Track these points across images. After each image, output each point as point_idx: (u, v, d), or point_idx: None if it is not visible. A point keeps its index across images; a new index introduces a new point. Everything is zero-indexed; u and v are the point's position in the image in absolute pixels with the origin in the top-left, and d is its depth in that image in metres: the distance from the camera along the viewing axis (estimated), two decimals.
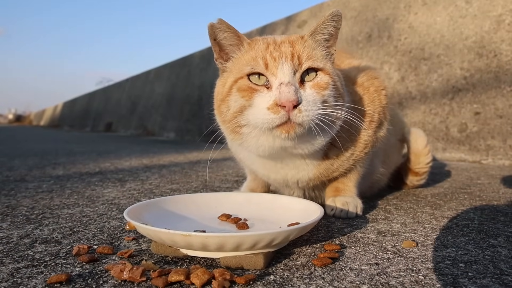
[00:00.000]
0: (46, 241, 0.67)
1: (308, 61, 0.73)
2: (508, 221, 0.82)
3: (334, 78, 0.76)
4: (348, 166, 0.87)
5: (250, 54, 0.75)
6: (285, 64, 0.71)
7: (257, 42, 0.77)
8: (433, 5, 2.70)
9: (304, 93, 0.71)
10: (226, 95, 0.76)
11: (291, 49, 0.73)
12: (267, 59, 0.72)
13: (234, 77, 0.75)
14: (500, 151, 2.07)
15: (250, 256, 0.54)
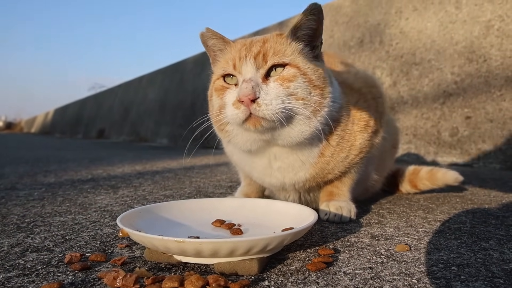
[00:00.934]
0: (38, 249, 0.66)
1: (273, 57, 0.75)
2: (499, 224, 0.82)
3: (305, 71, 0.76)
4: (343, 168, 0.87)
5: (227, 56, 0.80)
6: (249, 62, 0.75)
7: (236, 45, 0.81)
8: (423, 11, 2.72)
9: (267, 87, 0.73)
10: (210, 96, 0.83)
11: (260, 47, 0.76)
12: (236, 59, 0.76)
13: (214, 79, 0.82)
14: (491, 154, 2.09)
15: (244, 261, 0.54)
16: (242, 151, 0.84)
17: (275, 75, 0.75)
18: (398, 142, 1.19)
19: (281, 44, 0.78)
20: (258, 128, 0.73)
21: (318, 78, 0.78)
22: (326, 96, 0.78)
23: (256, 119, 0.72)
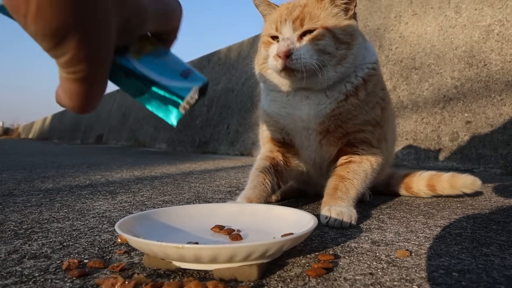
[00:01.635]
0: (35, 256, 0.66)
1: (308, 23, 0.92)
2: (500, 230, 0.82)
3: (334, 31, 0.93)
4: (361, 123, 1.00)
5: (272, 18, 0.99)
6: (288, 24, 0.93)
7: (280, 8, 0.99)
8: (423, 15, 2.73)
9: (300, 45, 0.91)
10: (259, 48, 1.04)
11: (299, 12, 0.93)
12: (278, 22, 0.95)
13: (262, 35, 1.01)
14: (491, 159, 2.09)
15: (243, 267, 0.53)
16: (276, 92, 1.02)
17: (308, 35, 0.92)
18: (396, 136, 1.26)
19: (318, 8, 0.94)
20: (291, 77, 0.92)
21: (345, 35, 0.94)
22: (351, 49, 0.95)
23: (290, 70, 0.90)
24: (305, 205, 1.10)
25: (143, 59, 0.45)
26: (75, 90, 0.36)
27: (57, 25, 0.31)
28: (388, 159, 1.19)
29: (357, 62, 0.97)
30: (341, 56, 0.93)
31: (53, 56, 0.33)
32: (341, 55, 0.93)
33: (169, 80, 0.45)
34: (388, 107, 1.09)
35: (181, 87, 0.45)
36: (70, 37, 0.32)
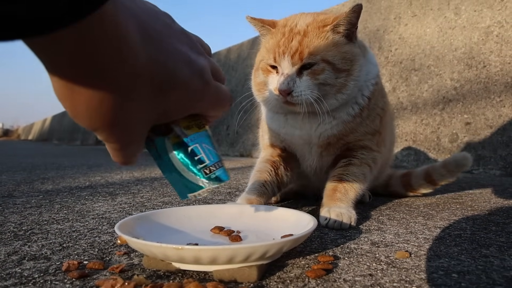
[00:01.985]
0: (35, 257, 0.66)
1: (308, 57, 0.90)
2: (500, 231, 0.82)
3: (334, 62, 0.92)
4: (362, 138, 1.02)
5: (268, 44, 0.97)
6: (286, 59, 0.91)
7: (276, 33, 0.97)
8: (422, 17, 2.73)
9: (300, 80, 0.91)
10: (257, 68, 1.01)
11: (298, 44, 0.91)
12: (275, 53, 0.93)
13: (262, 57, 0.99)
14: (491, 161, 2.09)
15: (243, 268, 0.53)
16: (275, 113, 1.03)
17: (306, 69, 0.91)
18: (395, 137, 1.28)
19: (318, 38, 0.92)
20: (292, 107, 0.93)
21: (345, 63, 0.93)
22: (352, 74, 0.94)
23: (291, 103, 0.92)
24: (305, 207, 1.10)
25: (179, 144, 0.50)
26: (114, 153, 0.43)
27: (87, 125, 0.38)
28: (388, 160, 1.21)
29: (361, 82, 0.97)
30: (341, 84, 0.93)
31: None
32: (341, 84, 0.93)
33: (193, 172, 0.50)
34: (387, 113, 1.10)
35: (197, 185, 0.51)
36: (99, 132, 0.39)
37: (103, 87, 0.35)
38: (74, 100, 0.35)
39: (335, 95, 0.93)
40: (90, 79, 0.34)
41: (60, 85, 0.35)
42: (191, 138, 0.50)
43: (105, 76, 0.35)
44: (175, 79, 0.41)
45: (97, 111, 0.36)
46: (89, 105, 0.36)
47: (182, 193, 0.51)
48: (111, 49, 0.34)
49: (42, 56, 0.32)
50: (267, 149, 1.13)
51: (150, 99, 0.40)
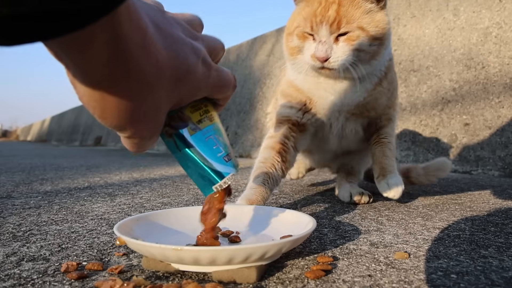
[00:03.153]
0: (34, 258, 0.65)
1: (345, 26, 0.96)
2: (499, 232, 0.82)
3: (368, 30, 0.98)
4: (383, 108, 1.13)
5: (306, 12, 1.00)
6: (324, 27, 0.96)
7: (313, 2, 1.00)
8: (421, 18, 2.74)
9: (336, 47, 0.96)
10: (291, 33, 1.04)
11: (335, 13, 0.96)
12: (313, 22, 0.97)
13: (297, 24, 1.01)
14: (490, 161, 2.09)
15: (242, 269, 0.53)
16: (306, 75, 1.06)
17: (345, 35, 0.97)
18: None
19: (352, 6, 0.97)
20: (328, 73, 1.00)
21: (377, 31, 0.99)
22: (383, 44, 1.01)
23: (328, 69, 0.98)
24: (304, 207, 1.10)
25: (195, 135, 0.51)
26: (132, 146, 0.45)
27: (115, 125, 0.39)
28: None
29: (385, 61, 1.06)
30: (374, 51, 1.00)
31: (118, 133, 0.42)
32: (374, 51, 0.99)
33: (214, 161, 0.52)
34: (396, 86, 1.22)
35: (221, 171, 0.52)
36: (126, 130, 0.40)
37: (133, 84, 0.36)
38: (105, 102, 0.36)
39: (368, 61, 1.00)
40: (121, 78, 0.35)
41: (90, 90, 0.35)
42: (206, 130, 0.52)
43: (134, 73, 0.36)
44: (188, 68, 0.43)
45: (127, 109, 0.38)
46: (119, 105, 0.37)
47: (206, 187, 0.53)
48: (138, 44, 0.35)
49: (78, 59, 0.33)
50: (279, 126, 1.12)
51: (170, 90, 0.41)
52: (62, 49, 0.32)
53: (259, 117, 4.00)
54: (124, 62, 0.34)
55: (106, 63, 0.33)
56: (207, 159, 0.51)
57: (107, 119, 0.38)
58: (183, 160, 0.52)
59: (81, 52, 0.32)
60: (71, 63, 0.33)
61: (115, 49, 0.33)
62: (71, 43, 0.31)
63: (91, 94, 0.36)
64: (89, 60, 0.33)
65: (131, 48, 0.34)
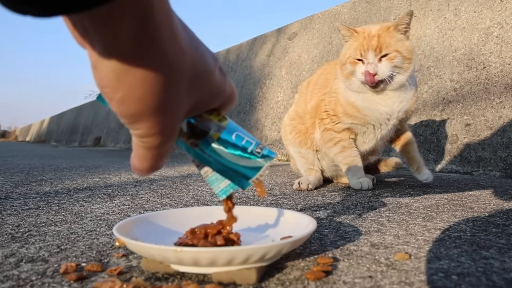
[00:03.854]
0: (33, 259, 0.65)
1: (385, 49, 1.31)
2: (500, 233, 0.82)
3: (401, 51, 1.32)
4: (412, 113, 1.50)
5: (355, 44, 1.36)
6: (370, 53, 1.31)
7: (358, 37, 1.36)
8: (422, 18, 2.74)
9: (380, 64, 1.31)
10: (344, 63, 1.38)
11: (376, 42, 1.31)
12: (361, 50, 1.33)
13: (349, 55, 1.37)
14: (491, 162, 2.08)
15: (242, 270, 0.53)
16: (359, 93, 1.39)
17: (384, 57, 1.31)
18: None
19: (389, 36, 1.32)
20: (377, 86, 1.33)
21: (408, 53, 1.33)
22: (411, 62, 1.34)
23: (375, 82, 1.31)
24: (305, 208, 1.10)
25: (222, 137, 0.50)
26: (144, 155, 0.42)
27: (134, 111, 0.37)
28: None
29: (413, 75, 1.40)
30: (406, 67, 1.33)
31: (130, 129, 0.40)
32: (406, 67, 1.33)
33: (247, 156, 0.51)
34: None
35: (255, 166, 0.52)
36: (145, 119, 0.38)
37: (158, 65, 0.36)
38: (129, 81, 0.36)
39: (402, 74, 1.33)
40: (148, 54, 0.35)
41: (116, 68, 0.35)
42: (229, 128, 0.51)
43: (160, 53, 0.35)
44: (206, 67, 0.42)
45: (150, 92, 0.37)
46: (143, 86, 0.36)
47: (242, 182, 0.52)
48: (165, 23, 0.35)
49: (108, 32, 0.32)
50: (343, 133, 1.47)
51: (190, 85, 0.41)
52: (93, 23, 0.32)
53: (259, 117, 4.00)
54: (152, 37, 0.34)
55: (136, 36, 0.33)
56: (239, 158, 0.51)
57: (127, 103, 0.37)
58: (214, 165, 0.51)
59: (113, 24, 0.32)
60: (99, 38, 0.33)
61: (144, 22, 0.33)
62: (104, 14, 0.31)
63: (116, 71, 0.35)
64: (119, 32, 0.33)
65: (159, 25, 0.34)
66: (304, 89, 1.69)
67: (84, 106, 11.95)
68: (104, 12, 0.31)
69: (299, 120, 1.63)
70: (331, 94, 1.48)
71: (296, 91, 3.47)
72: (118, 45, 0.34)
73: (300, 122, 1.62)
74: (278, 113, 3.77)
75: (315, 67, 3.57)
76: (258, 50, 4.54)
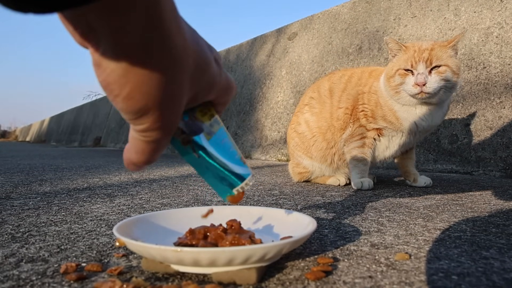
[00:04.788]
0: (33, 259, 0.65)
1: (435, 62, 1.34)
2: (500, 233, 0.82)
3: (451, 66, 1.35)
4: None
5: (405, 56, 1.39)
6: (421, 64, 1.35)
7: (408, 50, 1.39)
8: (422, 18, 2.74)
9: (430, 77, 1.33)
10: (393, 75, 1.41)
11: (428, 54, 1.34)
12: (412, 62, 1.36)
13: (398, 67, 1.39)
14: (491, 162, 2.09)
15: (242, 271, 0.53)
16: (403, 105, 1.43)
17: (435, 69, 1.34)
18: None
19: (441, 51, 1.35)
20: (423, 97, 1.35)
21: (457, 69, 1.36)
22: (459, 78, 1.37)
23: (423, 93, 1.34)
24: (305, 208, 1.10)
25: (212, 140, 0.50)
26: (143, 148, 0.42)
27: (141, 106, 0.37)
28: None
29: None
30: (454, 82, 1.36)
31: (132, 124, 0.40)
32: (454, 82, 1.36)
33: (233, 163, 0.51)
34: None
35: (242, 173, 0.52)
36: (150, 114, 0.38)
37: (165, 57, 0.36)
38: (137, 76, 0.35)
39: (450, 89, 1.37)
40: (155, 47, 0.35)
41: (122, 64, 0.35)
42: (219, 134, 0.51)
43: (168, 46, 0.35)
44: (206, 59, 0.43)
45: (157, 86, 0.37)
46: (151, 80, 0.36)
47: (224, 191, 0.52)
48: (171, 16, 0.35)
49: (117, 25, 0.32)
50: (372, 131, 1.52)
51: (191, 77, 0.41)
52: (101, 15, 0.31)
53: (259, 117, 4.00)
54: (160, 30, 0.34)
55: (144, 28, 0.33)
56: (226, 163, 0.51)
57: (134, 98, 0.36)
58: (200, 166, 0.51)
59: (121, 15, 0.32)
60: (106, 32, 0.33)
61: (153, 15, 0.33)
62: (112, 5, 0.31)
63: (123, 67, 0.35)
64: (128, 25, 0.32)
65: (167, 18, 0.34)
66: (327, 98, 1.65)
67: (84, 106, 11.95)
68: (113, 3, 0.31)
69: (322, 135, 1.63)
70: (371, 94, 1.52)
71: (297, 91, 3.46)
72: (126, 39, 0.33)
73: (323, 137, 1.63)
74: (278, 113, 3.77)
75: (315, 67, 3.57)
76: (258, 50, 4.54)
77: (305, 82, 3.63)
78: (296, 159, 1.71)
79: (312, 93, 1.71)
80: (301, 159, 1.69)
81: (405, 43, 1.43)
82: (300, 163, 1.71)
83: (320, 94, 1.66)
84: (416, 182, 1.55)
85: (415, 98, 1.37)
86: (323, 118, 1.62)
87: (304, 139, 1.66)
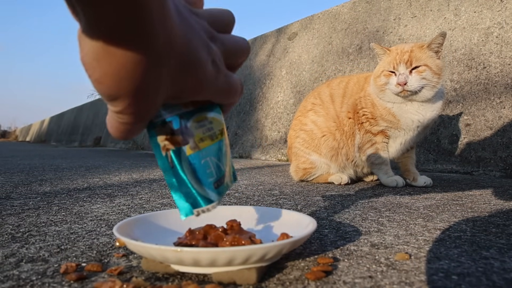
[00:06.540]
0: (33, 259, 0.65)
1: (415, 62, 1.45)
2: (500, 233, 0.82)
3: (431, 66, 1.45)
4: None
5: (389, 59, 1.52)
6: (402, 65, 1.46)
7: (392, 53, 1.52)
8: (422, 18, 2.74)
9: (411, 76, 1.44)
10: (379, 75, 1.53)
11: (408, 56, 1.45)
12: (394, 63, 1.48)
13: (383, 68, 1.52)
14: (491, 162, 2.08)
15: (242, 271, 0.53)
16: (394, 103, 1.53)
17: (416, 69, 1.45)
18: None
19: (420, 52, 1.46)
20: (406, 95, 1.47)
21: (437, 68, 1.46)
22: (441, 78, 1.47)
23: (405, 91, 1.45)
24: (305, 208, 1.10)
25: (193, 155, 0.48)
26: (117, 127, 0.43)
27: (111, 92, 0.37)
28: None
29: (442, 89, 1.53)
30: (435, 82, 1.46)
31: (109, 105, 0.40)
32: (435, 82, 1.46)
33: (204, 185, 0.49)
34: None
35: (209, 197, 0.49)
36: (120, 100, 0.38)
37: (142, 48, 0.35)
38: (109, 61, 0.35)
39: (431, 88, 1.46)
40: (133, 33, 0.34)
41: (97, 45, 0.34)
42: (205, 151, 0.49)
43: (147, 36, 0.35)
44: (196, 60, 0.42)
45: (129, 74, 0.36)
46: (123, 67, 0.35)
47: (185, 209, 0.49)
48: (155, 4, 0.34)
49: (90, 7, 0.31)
50: (378, 136, 1.60)
51: (174, 73, 0.40)
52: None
53: (259, 117, 4.00)
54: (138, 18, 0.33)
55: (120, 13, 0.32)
56: (197, 182, 0.48)
57: (105, 83, 0.36)
58: (171, 176, 0.48)
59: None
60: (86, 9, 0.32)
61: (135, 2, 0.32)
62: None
63: (96, 50, 0.34)
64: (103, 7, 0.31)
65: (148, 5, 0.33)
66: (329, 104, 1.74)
67: (84, 106, 11.95)
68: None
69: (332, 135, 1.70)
70: (366, 97, 1.62)
71: (297, 91, 3.47)
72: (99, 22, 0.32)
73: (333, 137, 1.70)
74: (278, 113, 3.77)
75: (315, 67, 3.57)
76: (258, 50, 4.54)
77: (305, 82, 3.63)
78: (303, 156, 1.74)
79: (314, 99, 1.79)
80: (308, 155, 1.73)
81: (390, 47, 1.56)
82: (306, 159, 1.74)
83: (323, 100, 1.75)
84: (416, 181, 1.59)
85: (399, 96, 1.49)
86: (331, 119, 1.71)
87: (314, 136, 1.71)
